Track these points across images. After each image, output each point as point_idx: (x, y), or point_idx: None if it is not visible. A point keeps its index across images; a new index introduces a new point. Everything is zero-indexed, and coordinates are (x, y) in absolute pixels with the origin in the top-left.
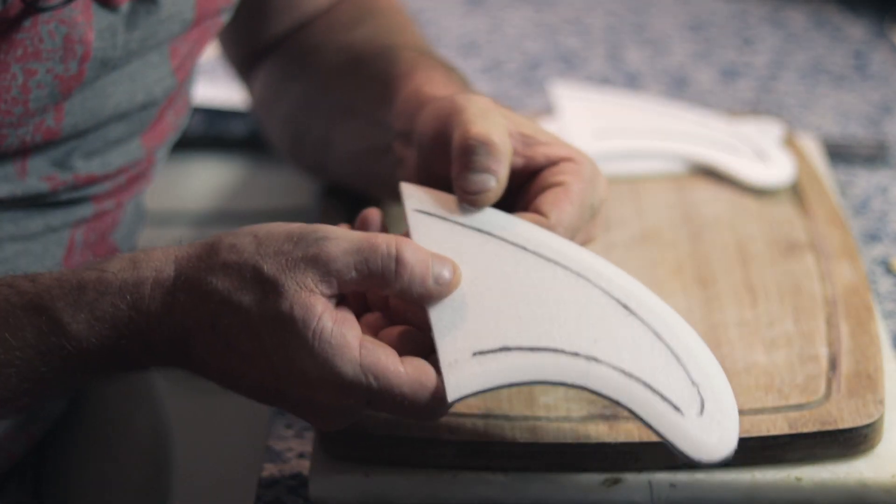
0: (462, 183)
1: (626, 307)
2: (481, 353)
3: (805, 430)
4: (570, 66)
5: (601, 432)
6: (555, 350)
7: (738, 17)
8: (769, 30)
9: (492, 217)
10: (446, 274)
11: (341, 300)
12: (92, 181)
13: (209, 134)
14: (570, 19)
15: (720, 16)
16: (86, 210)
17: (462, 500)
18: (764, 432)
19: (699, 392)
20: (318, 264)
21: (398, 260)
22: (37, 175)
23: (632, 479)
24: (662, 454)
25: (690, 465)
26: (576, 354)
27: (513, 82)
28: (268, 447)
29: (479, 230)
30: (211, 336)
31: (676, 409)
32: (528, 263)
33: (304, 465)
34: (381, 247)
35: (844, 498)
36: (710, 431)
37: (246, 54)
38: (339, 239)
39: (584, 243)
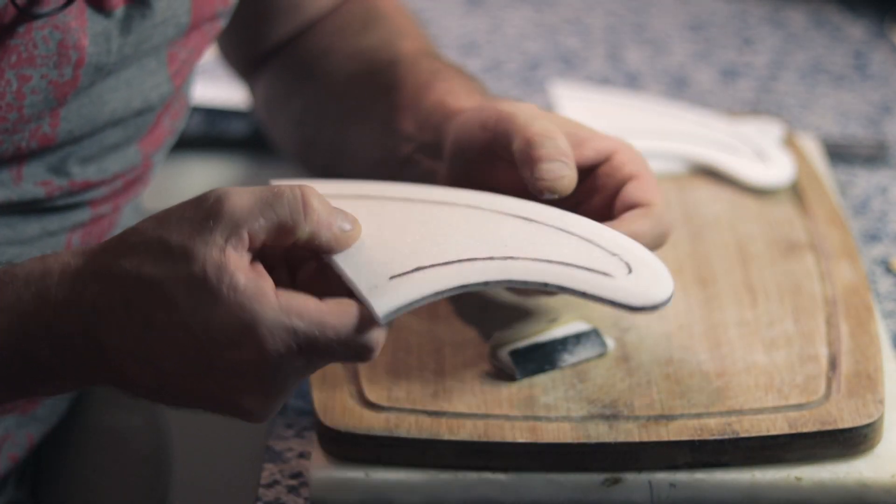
0: (538, 174)
1: (524, 218)
2: (397, 276)
3: (805, 429)
4: (570, 66)
5: (601, 432)
6: (469, 259)
7: (738, 17)
8: (769, 30)
9: (358, 185)
10: (347, 224)
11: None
12: (88, 187)
13: (209, 134)
14: (570, 19)
15: (720, 16)
16: (83, 215)
17: (462, 500)
18: (764, 432)
19: (622, 259)
20: (224, 219)
21: (304, 202)
22: (32, 181)
23: (632, 479)
24: (662, 454)
25: (634, 312)
26: (491, 258)
27: (513, 82)
28: (268, 447)
29: (356, 195)
30: (125, 318)
31: (605, 274)
32: (416, 208)
33: (304, 465)
34: (286, 192)
35: (844, 498)
36: (646, 283)
37: (248, 58)
38: (241, 192)
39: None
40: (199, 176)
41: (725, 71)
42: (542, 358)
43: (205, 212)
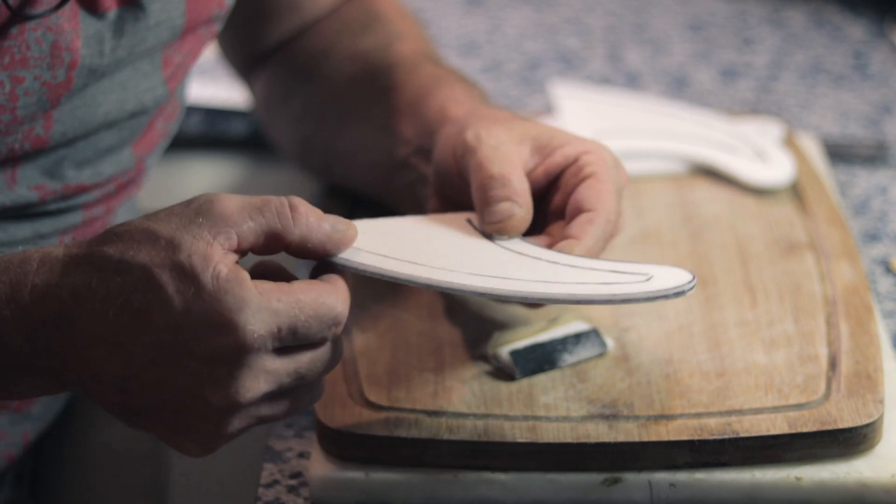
0: (488, 217)
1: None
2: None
3: (805, 429)
4: (570, 66)
5: (601, 432)
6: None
7: (738, 17)
8: (769, 30)
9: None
10: (340, 225)
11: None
12: (82, 191)
13: (209, 134)
14: (570, 19)
15: (720, 16)
16: (75, 218)
17: (462, 500)
18: (764, 432)
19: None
20: (214, 217)
21: (292, 207)
22: (26, 184)
23: (632, 479)
24: (662, 454)
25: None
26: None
27: (513, 82)
28: (268, 447)
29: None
30: (102, 300)
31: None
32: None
33: (304, 465)
34: (274, 199)
35: (844, 498)
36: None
37: (247, 57)
38: (231, 197)
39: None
40: (199, 176)
41: (725, 71)
42: (542, 358)
43: (194, 210)
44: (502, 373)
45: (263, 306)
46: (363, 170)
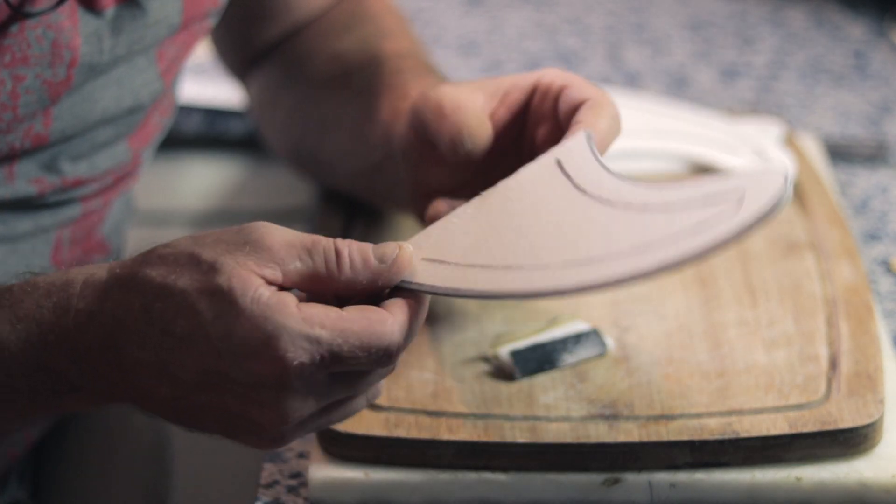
0: (447, 134)
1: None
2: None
3: (805, 429)
4: (570, 66)
5: (601, 432)
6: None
7: (738, 17)
8: (769, 30)
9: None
10: (389, 251)
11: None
12: (79, 184)
13: (209, 134)
14: (570, 19)
15: (720, 16)
16: (74, 210)
17: (462, 500)
18: (764, 432)
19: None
20: (261, 250)
21: (337, 252)
22: (24, 178)
23: (632, 479)
24: (662, 454)
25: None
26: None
27: None
28: None
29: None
30: (144, 326)
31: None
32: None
33: (304, 465)
34: (323, 241)
35: (844, 498)
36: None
37: (241, 58)
38: (283, 231)
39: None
40: (198, 176)
41: (725, 71)
42: (542, 358)
43: (243, 239)
44: (502, 373)
45: (304, 334)
46: (346, 178)
